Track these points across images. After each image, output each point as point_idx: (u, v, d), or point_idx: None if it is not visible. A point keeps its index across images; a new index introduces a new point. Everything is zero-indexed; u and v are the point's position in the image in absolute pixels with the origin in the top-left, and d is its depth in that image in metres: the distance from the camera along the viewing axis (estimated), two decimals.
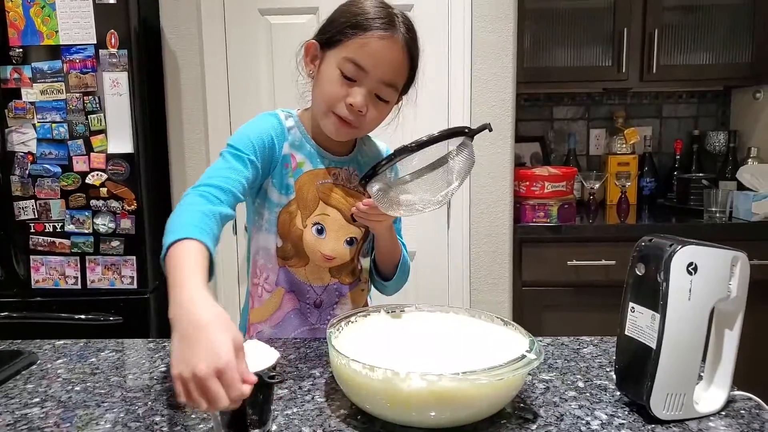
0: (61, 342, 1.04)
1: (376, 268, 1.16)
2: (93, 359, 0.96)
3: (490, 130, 0.93)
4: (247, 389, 0.59)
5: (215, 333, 0.61)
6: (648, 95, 2.66)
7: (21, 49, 1.84)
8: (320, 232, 1.05)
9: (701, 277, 0.68)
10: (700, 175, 2.42)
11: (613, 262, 2.06)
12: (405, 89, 1.04)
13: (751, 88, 2.46)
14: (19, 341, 1.05)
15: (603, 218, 2.29)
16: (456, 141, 0.94)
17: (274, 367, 0.67)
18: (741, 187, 2.25)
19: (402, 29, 0.96)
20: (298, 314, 1.09)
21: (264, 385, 0.65)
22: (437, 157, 0.93)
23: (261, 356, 0.69)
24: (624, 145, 2.53)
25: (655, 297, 0.69)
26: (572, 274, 2.10)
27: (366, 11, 0.96)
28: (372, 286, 1.20)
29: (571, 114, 2.70)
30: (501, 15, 2.01)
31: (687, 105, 2.67)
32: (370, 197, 0.97)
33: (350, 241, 1.08)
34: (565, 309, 2.12)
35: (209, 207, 0.83)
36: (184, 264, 0.71)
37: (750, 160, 2.36)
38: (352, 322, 0.89)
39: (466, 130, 0.93)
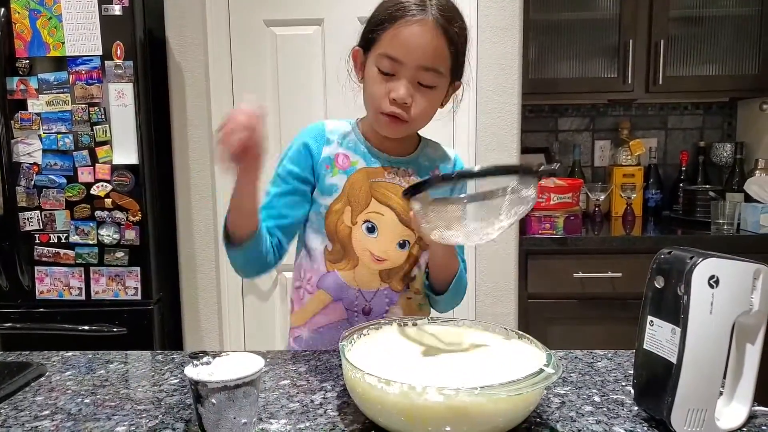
0: (70, 353, 1.03)
1: (429, 279, 1.10)
2: (102, 371, 0.95)
3: (555, 175, 0.87)
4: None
5: None
6: (653, 106, 2.66)
7: (27, 61, 1.84)
8: (371, 230, 1.03)
9: (723, 291, 0.67)
10: (707, 186, 2.42)
11: (619, 275, 2.05)
12: (456, 73, 1.01)
13: (757, 100, 2.46)
14: (27, 353, 1.04)
15: (608, 230, 2.28)
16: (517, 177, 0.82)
17: (252, 378, 0.70)
18: (748, 199, 2.24)
19: (434, 11, 0.93)
20: (347, 325, 1.05)
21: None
22: (494, 188, 0.81)
23: (242, 366, 0.70)
24: (629, 157, 2.53)
25: (675, 310, 0.68)
26: (578, 286, 2.08)
27: (399, 1, 0.94)
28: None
29: (575, 125, 2.70)
30: (506, 26, 2.02)
31: (692, 116, 2.67)
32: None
33: (403, 244, 1.04)
34: (570, 321, 2.11)
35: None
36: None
37: (757, 171, 2.35)
38: (365, 335, 0.88)
39: (526, 169, 0.80)
